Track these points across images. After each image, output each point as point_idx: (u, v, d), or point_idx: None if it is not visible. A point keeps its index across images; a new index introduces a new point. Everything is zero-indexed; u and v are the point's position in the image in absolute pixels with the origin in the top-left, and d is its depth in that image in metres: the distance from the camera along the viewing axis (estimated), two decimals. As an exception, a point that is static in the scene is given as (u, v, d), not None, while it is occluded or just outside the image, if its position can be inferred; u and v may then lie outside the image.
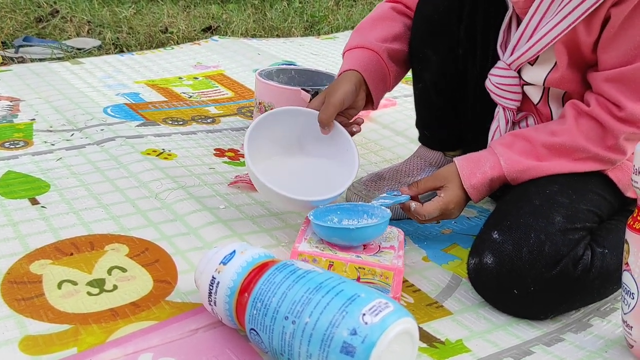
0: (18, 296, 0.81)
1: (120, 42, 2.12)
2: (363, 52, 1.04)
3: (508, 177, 0.92)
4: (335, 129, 1.01)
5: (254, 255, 0.74)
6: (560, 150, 0.91)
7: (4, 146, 1.26)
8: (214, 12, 2.61)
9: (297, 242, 0.88)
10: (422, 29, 1.05)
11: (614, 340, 0.82)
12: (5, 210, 1.02)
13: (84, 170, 1.18)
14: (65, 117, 1.44)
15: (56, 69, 1.79)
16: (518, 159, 0.92)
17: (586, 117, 0.91)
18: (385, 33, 1.06)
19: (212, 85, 1.78)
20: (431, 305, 0.87)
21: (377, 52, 1.04)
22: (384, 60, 1.04)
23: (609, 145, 0.90)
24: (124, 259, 0.91)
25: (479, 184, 0.93)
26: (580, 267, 0.83)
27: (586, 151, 0.90)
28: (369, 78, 1.03)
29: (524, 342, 0.81)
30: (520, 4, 0.92)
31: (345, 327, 0.62)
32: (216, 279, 0.72)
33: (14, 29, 2.12)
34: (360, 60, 1.03)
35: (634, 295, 0.74)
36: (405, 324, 0.64)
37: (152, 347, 0.73)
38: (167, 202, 1.08)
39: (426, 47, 1.05)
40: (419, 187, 0.96)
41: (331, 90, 0.99)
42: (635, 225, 0.74)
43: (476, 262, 0.87)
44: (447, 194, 0.94)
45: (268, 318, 0.67)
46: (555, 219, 0.85)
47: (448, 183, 0.94)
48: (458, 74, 1.05)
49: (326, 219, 0.94)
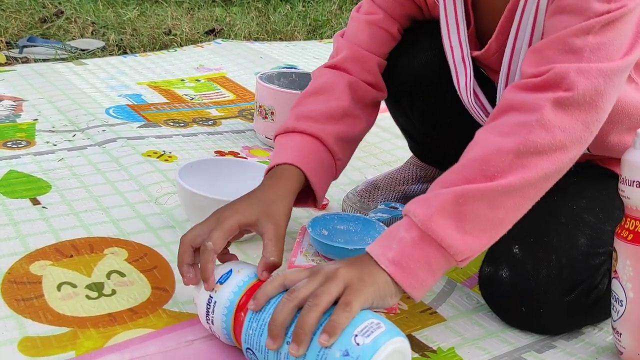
0: (18, 296, 0.82)
1: (124, 43, 2.13)
2: (304, 139, 0.87)
3: (430, 231, 0.69)
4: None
5: (249, 274, 0.74)
6: (472, 166, 0.71)
7: (7, 146, 1.28)
8: (217, 14, 2.62)
9: (293, 255, 0.89)
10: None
11: (605, 347, 0.83)
12: (7, 210, 1.03)
13: (85, 172, 1.19)
14: (67, 118, 1.45)
15: (59, 70, 1.81)
16: (429, 202, 0.71)
17: (499, 114, 0.74)
18: (331, 108, 0.90)
19: (213, 88, 1.79)
20: (425, 311, 0.88)
21: (322, 138, 0.88)
22: (329, 146, 0.88)
23: (529, 130, 0.69)
24: (123, 264, 0.92)
25: (399, 256, 0.69)
26: (593, 296, 0.81)
27: (502, 151, 0.69)
28: (312, 174, 0.85)
29: (515, 349, 0.82)
30: (492, 47, 0.86)
31: (337, 349, 0.63)
32: (213, 298, 0.73)
33: (19, 29, 2.14)
34: (305, 155, 0.86)
35: (622, 302, 0.76)
36: (396, 343, 0.65)
37: (148, 355, 0.74)
38: (166, 207, 1.09)
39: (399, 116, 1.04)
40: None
41: (270, 211, 0.78)
42: (622, 233, 0.75)
43: (491, 271, 0.84)
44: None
45: (263, 339, 0.68)
46: (579, 240, 0.81)
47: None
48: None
49: (323, 230, 0.95)
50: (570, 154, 0.71)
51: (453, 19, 0.87)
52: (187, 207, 0.99)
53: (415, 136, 1.08)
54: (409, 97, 0.99)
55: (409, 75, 0.96)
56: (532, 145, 0.69)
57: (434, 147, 1.07)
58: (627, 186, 0.73)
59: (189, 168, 1.02)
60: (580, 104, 0.70)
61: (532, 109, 0.70)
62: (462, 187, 0.69)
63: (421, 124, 1.01)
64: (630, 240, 0.74)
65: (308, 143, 0.87)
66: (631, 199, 0.73)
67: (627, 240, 0.74)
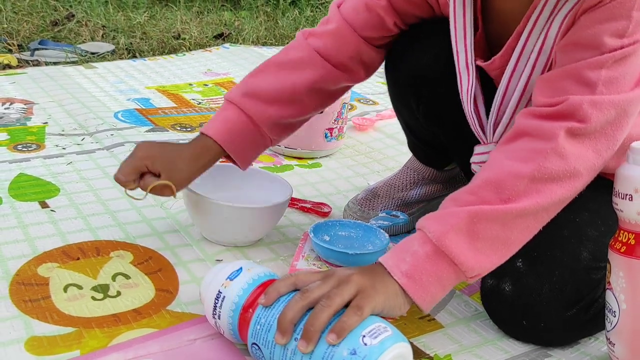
0: (25, 297, 0.84)
1: (134, 47, 2.16)
2: (237, 116, 0.92)
3: (444, 247, 0.72)
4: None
5: (259, 273, 0.77)
6: (488, 188, 0.74)
7: (17, 148, 1.30)
8: (226, 18, 2.64)
9: (295, 259, 0.91)
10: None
11: (600, 357, 0.84)
12: (16, 213, 1.05)
13: (93, 176, 1.21)
14: (76, 121, 1.48)
15: (70, 73, 1.83)
16: (444, 219, 0.73)
17: (513, 138, 0.77)
18: (283, 91, 0.93)
19: (221, 93, 1.81)
20: (423, 318, 0.89)
21: (256, 121, 0.92)
22: (262, 130, 0.93)
23: (544, 157, 0.73)
24: (128, 266, 0.94)
25: (412, 269, 0.72)
26: (592, 311, 0.83)
27: (519, 176, 0.73)
28: (235, 150, 0.93)
29: (512, 358, 0.83)
30: (496, 63, 0.87)
31: (345, 347, 0.66)
32: (222, 293, 0.75)
33: (30, 31, 2.17)
34: (229, 130, 0.92)
35: (615, 313, 0.77)
36: (402, 348, 0.67)
37: (151, 354, 0.76)
38: (171, 211, 1.11)
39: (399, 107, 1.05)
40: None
41: (175, 167, 0.89)
42: (616, 245, 0.76)
43: (493, 284, 0.85)
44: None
45: (271, 334, 0.70)
46: (582, 254, 0.82)
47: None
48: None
49: (325, 235, 0.97)
50: (584, 180, 0.75)
51: (461, 24, 0.88)
52: (192, 212, 1.01)
53: (417, 131, 1.08)
54: (416, 90, 0.99)
55: (418, 69, 0.96)
56: (547, 171, 0.73)
57: (436, 145, 1.07)
58: (620, 199, 0.75)
59: None
60: (592, 134, 0.74)
61: (547, 137, 0.73)
62: (477, 207, 0.72)
63: (425, 119, 1.01)
64: (623, 253, 0.75)
65: (242, 123, 0.92)
66: (624, 212, 0.75)
67: (620, 252, 0.75)
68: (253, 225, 1.00)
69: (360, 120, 1.63)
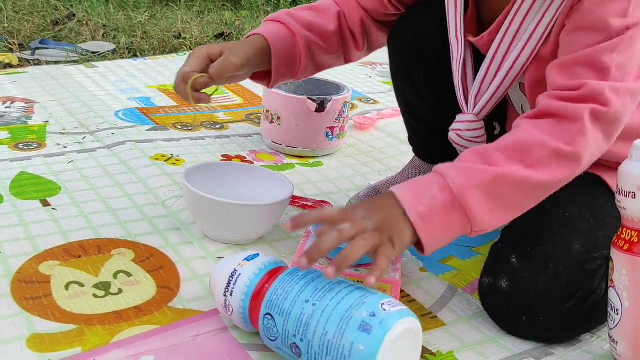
0: (27, 295, 0.84)
1: (134, 46, 2.16)
2: (281, 28, 0.99)
3: (463, 200, 0.74)
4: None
5: (275, 259, 0.81)
6: (515, 149, 0.77)
7: (18, 147, 1.30)
8: (227, 18, 2.64)
9: (297, 255, 0.91)
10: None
11: (602, 355, 0.84)
12: (18, 211, 1.05)
13: (94, 174, 1.21)
14: (77, 120, 1.48)
15: (70, 72, 1.83)
16: (470, 173, 0.75)
17: (538, 116, 0.80)
18: (315, 24, 1.01)
19: (221, 92, 1.81)
20: (425, 315, 0.89)
21: (296, 35, 0.99)
22: (299, 47, 0.99)
23: (571, 136, 0.76)
24: (130, 264, 0.94)
25: (427, 212, 0.74)
26: (590, 302, 0.83)
27: (545, 146, 0.76)
28: (277, 55, 0.97)
29: (513, 355, 0.83)
30: (484, 39, 0.91)
31: (365, 310, 0.69)
32: (238, 271, 0.78)
33: (31, 31, 2.17)
34: (275, 33, 0.98)
35: (618, 311, 0.77)
36: (415, 323, 0.71)
37: (153, 350, 0.76)
38: (173, 209, 1.11)
39: (400, 80, 1.08)
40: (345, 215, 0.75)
41: (234, 49, 0.93)
42: (619, 243, 0.76)
43: (490, 282, 0.86)
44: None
45: (288, 302, 0.72)
46: (574, 247, 0.83)
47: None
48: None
49: None
50: (591, 162, 0.79)
51: (453, 1, 0.93)
52: (193, 209, 1.01)
53: (418, 111, 1.10)
54: (417, 63, 1.03)
55: (417, 41, 1.01)
56: (571, 150, 0.76)
57: (436, 131, 1.08)
58: (623, 197, 0.75)
59: (196, 172, 1.04)
60: (611, 119, 0.77)
61: (574, 118, 0.76)
62: (503, 171, 0.75)
63: (424, 87, 1.05)
64: (626, 250, 0.75)
65: (285, 33, 0.98)
66: (627, 210, 0.75)
67: (623, 250, 0.75)
68: (254, 223, 1.00)
69: (362, 119, 1.63)
